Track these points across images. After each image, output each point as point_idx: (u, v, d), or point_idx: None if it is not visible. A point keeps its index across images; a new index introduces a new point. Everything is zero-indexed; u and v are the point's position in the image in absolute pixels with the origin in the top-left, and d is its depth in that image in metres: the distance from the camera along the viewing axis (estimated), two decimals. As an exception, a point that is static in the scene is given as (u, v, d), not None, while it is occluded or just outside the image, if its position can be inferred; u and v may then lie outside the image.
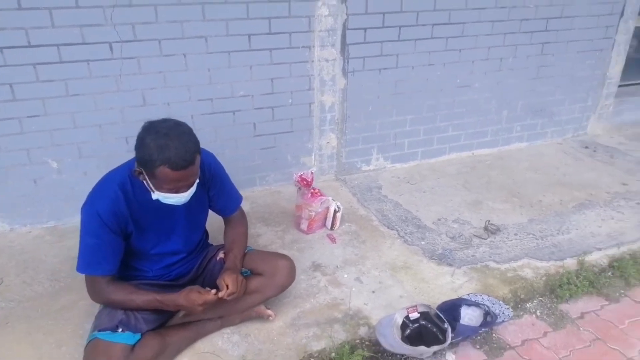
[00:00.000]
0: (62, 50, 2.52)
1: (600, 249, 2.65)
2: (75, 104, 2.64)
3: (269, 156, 3.19)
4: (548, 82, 3.89)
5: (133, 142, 2.78)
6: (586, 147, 4.03)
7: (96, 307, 2.11)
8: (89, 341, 1.76)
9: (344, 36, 3.07)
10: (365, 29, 3.11)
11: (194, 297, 1.81)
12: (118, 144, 2.80)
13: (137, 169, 1.72)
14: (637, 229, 2.85)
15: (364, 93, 3.28)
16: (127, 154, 2.78)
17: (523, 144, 4.05)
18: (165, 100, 2.81)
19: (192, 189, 1.78)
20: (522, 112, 3.91)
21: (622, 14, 3.92)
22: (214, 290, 1.85)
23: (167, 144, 1.62)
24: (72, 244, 2.61)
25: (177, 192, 1.73)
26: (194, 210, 2.00)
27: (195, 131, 1.76)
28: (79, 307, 2.17)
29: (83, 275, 1.83)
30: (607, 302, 2.38)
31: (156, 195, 1.74)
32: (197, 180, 1.79)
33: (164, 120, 1.72)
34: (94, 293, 1.84)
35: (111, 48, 2.59)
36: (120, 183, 1.79)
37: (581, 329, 2.22)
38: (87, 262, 1.78)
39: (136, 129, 2.78)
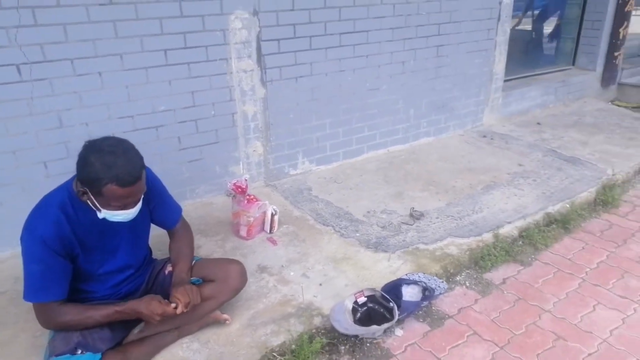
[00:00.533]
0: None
1: (510, 222, 2.98)
2: (-18, 132, 2.47)
3: (196, 168, 3.18)
4: (446, 81, 4.28)
5: (52, 166, 2.70)
6: (484, 136, 4.48)
7: (40, 338, 2.02)
8: (45, 370, 1.67)
9: (259, 47, 3.17)
10: (278, 40, 3.24)
11: (154, 305, 1.81)
12: (35, 169, 2.65)
13: (81, 189, 1.68)
14: (536, 202, 3.24)
15: (284, 101, 3.40)
16: (46, 179, 2.69)
17: (430, 138, 4.41)
18: (83, 121, 2.72)
19: (139, 205, 1.79)
20: (427, 110, 4.26)
21: (499, 18, 4.44)
22: (174, 305, 1.85)
23: (114, 162, 1.62)
24: (-6, 280, 2.45)
25: (124, 208, 1.73)
26: (138, 226, 1.98)
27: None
28: (19, 341, 2.04)
29: (17, 310, 1.74)
30: (522, 267, 2.70)
31: (103, 213, 1.72)
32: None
33: (105, 139, 1.72)
34: (46, 320, 1.77)
35: (19, 70, 2.47)
36: (61, 206, 1.75)
37: (505, 292, 2.50)
38: (35, 289, 1.72)
39: (54, 153, 2.70)
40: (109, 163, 1.61)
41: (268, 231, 2.88)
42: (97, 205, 1.69)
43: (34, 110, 2.56)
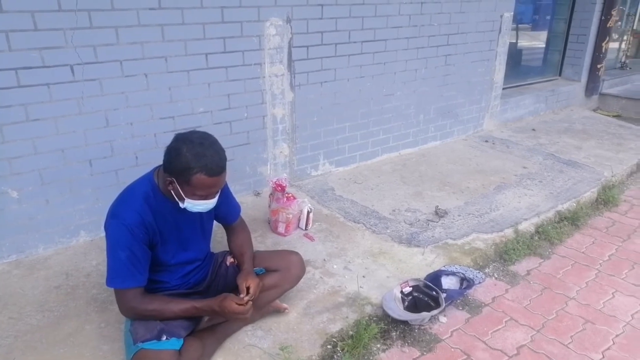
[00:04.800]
0: (20, 74, 2.42)
1: (526, 219, 3.21)
2: (35, 130, 2.53)
3: (229, 169, 3.22)
4: (452, 88, 4.52)
5: (97, 164, 2.78)
6: (486, 141, 4.74)
7: (106, 329, 2.13)
8: (135, 354, 1.76)
9: (290, 53, 3.32)
10: (307, 47, 3.40)
11: (231, 307, 1.84)
12: (81, 167, 2.72)
13: (168, 179, 1.79)
14: (546, 201, 3.49)
15: (309, 104, 3.56)
16: (90, 177, 2.77)
17: (437, 142, 4.64)
18: (128, 120, 2.80)
19: (217, 197, 1.90)
20: (434, 115, 4.49)
21: (500, 31, 4.72)
22: (249, 295, 1.95)
23: (203, 152, 1.73)
24: (47, 275, 2.54)
25: (206, 198, 1.84)
26: (206, 219, 2.10)
27: (157, 149, 1.87)
28: (86, 331, 2.11)
29: (75, 303, 1.80)
30: (542, 260, 2.92)
31: (186, 203, 1.81)
32: None
33: (193, 132, 1.83)
34: (127, 307, 1.83)
35: (72, 70, 2.55)
36: (145, 196, 1.84)
37: (531, 282, 2.71)
38: (121, 275, 1.78)
39: (99, 151, 2.80)
40: (199, 154, 1.72)
41: (303, 228, 3.01)
42: (182, 194, 1.79)
43: (83, 109, 2.64)
